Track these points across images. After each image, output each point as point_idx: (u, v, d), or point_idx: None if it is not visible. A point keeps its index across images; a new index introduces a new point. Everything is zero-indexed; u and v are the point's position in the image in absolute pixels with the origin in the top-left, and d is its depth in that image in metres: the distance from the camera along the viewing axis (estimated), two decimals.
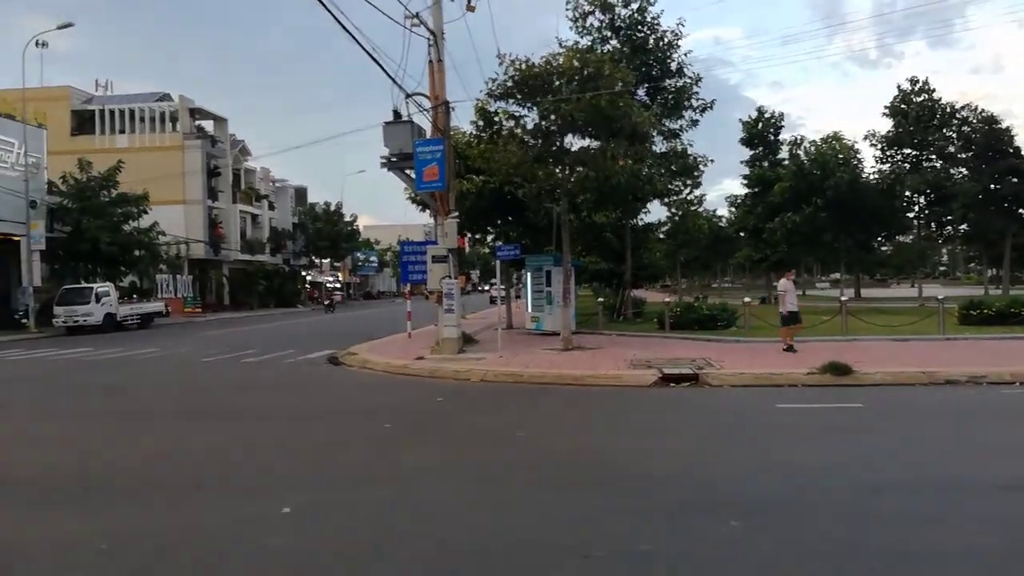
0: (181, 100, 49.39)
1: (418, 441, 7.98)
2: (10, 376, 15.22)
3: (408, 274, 20.46)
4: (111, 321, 29.30)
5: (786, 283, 15.52)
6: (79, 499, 5.86)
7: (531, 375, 12.69)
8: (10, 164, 30.72)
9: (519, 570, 4.11)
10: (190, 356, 18.51)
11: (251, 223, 56.67)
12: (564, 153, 16.57)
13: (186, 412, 10.36)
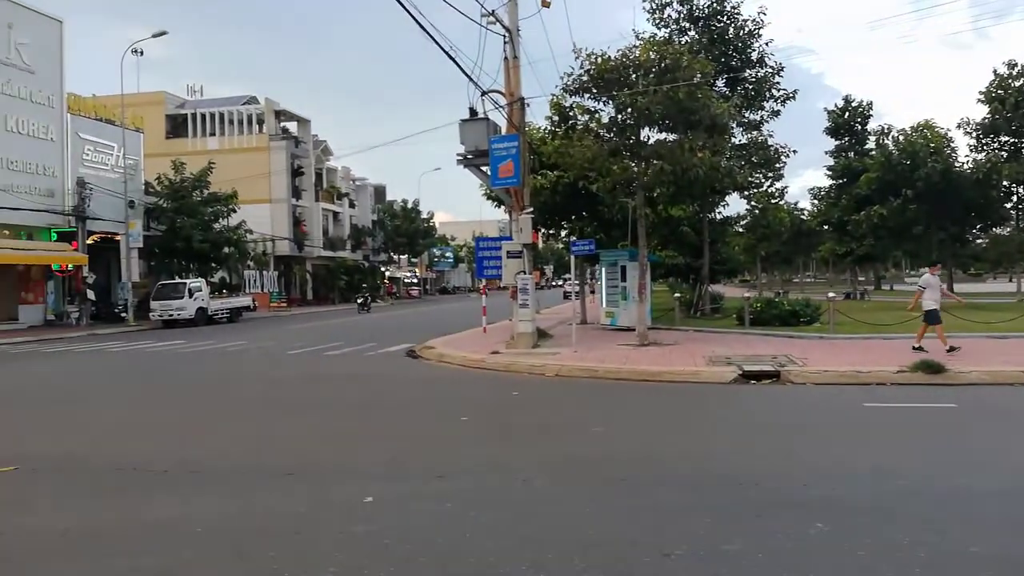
0: (267, 103, 51.28)
1: (494, 435, 8.08)
2: (113, 367, 16.18)
3: (483, 269, 20.70)
4: (203, 315, 30.78)
5: (929, 278, 14.34)
6: (178, 485, 6.21)
7: (606, 370, 12.64)
8: (110, 166, 32.62)
9: (597, 567, 4.12)
10: (277, 349, 19.25)
11: (333, 221, 58.39)
12: (640, 146, 16.39)
13: (274, 403, 10.80)
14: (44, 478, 6.49)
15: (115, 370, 15.52)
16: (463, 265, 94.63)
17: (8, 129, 27.80)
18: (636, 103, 15.19)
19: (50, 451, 7.56)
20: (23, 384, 13.46)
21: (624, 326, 20.27)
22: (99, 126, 32.56)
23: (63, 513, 5.41)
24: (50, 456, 7.30)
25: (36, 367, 16.25)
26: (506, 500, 5.45)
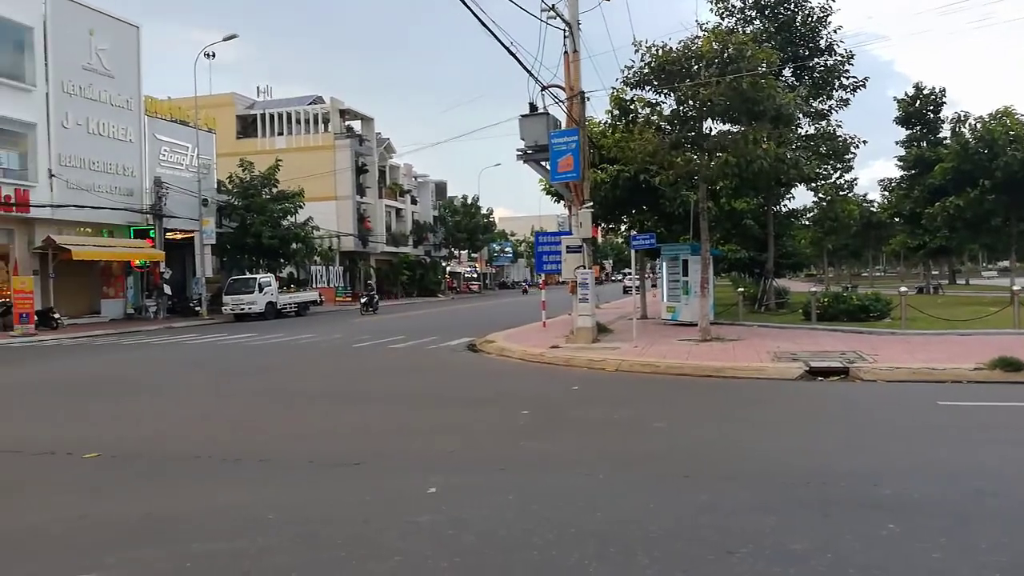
0: (332, 102, 52.40)
1: (555, 429, 8.11)
2: (188, 358, 16.85)
3: (543, 264, 20.74)
4: (272, 309, 31.74)
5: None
6: (249, 472, 6.45)
7: (668, 365, 12.52)
8: (185, 166, 33.88)
9: (661, 563, 4.11)
10: (342, 342, 19.71)
11: (395, 217, 59.37)
12: (703, 139, 16.14)
13: (341, 394, 11.09)
14: (125, 464, 6.83)
15: (190, 361, 16.15)
16: (522, 260, 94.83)
17: (90, 131, 29.16)
18: (699, 95, 14.96)
19: (130, 438, 7.94)
20: (106, 374, 14.16)
21: (686, 321, 20.02)
22: (174, 127, 33.86)
23: (143, 498, 5.69)
24: (130, 443, 7.68)
25: (117, 358, 17.06)
26: (567, 494, 5.48)
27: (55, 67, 27.53)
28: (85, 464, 6.76)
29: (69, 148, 28.12)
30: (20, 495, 5.89)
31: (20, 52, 26.65)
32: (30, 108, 26.70)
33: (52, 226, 27.52)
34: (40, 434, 8.20)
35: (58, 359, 16.93)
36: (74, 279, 28.70)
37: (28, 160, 26.80)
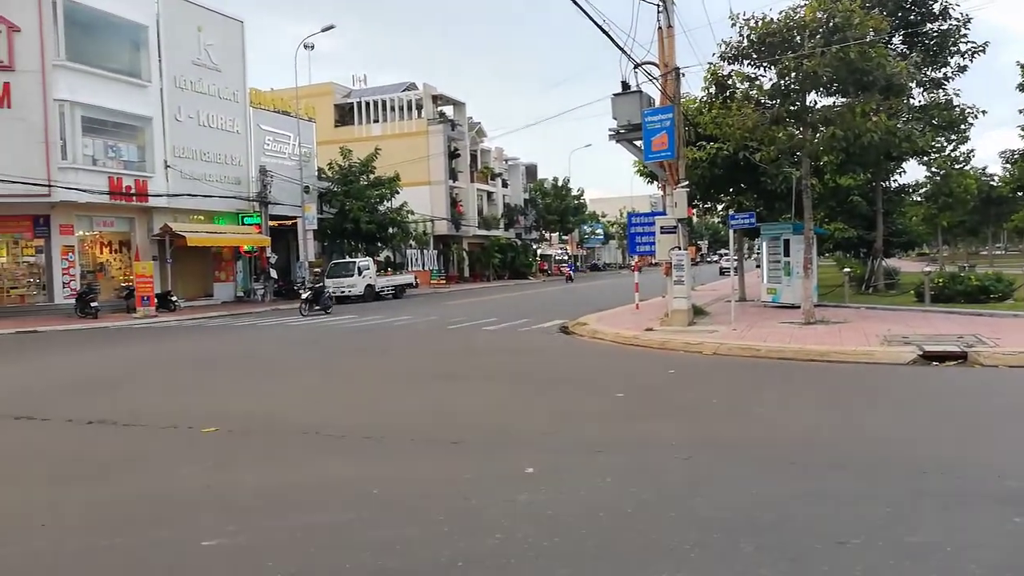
0: (425, 88, 53.24)
1: (651, 412, 8.02)
2: (294, 339, 17.63)
3: (636, 246, 20.46)
4: (371, 292, 32.78)
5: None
6: (354, 448, 6.70)
7: (769, 349, 12.13)
8: (287, 155, 35.28)
9: (766, 550, 4.01)
10: (438, 323, 20.14)
11: (487, 200, 59.92)
12: (806, 112, 15.44)
13: (438, 373, 11.34)
14: (239, 439, 7.23)
15: (296, 342, 16.89)
16: (613, 242, 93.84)
17: (200, 124, 30.78)
18: (802, 67, 14.30)
19: (243, 414, 8.40)
20: (220, 353, 15.01)
21: (787, 303, 19.34)
22: (277, 118, 35.27)
23: (257, 471, 6.02)
24: (244, 418, 8.12)
25: (229, 338, 18.05)
26: (667, 478, 5.42)
27: (168, 63, 29.16)
28: (204, 438, 7.20)
29: (182, 140, 29.80)
30: (148, 465, 6.34)
31: (136, 50, 28.38)
32: (147, 103, 28.43)
33: (168, 214, 29.31)
34: (163, 409, 8.79)
35: (176, 339, 18.06)
36: (189, 264, 30.53)
37: (146, 152, 28.58)
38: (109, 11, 26.84)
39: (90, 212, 27.35)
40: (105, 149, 27.23)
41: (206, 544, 4.38)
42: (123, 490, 5.59)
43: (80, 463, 6.47)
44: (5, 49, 24.36)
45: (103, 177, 26.58)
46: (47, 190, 24.37)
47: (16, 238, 26.42)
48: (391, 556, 4.10)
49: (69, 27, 25.45)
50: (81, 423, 7.98)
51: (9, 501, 5.42)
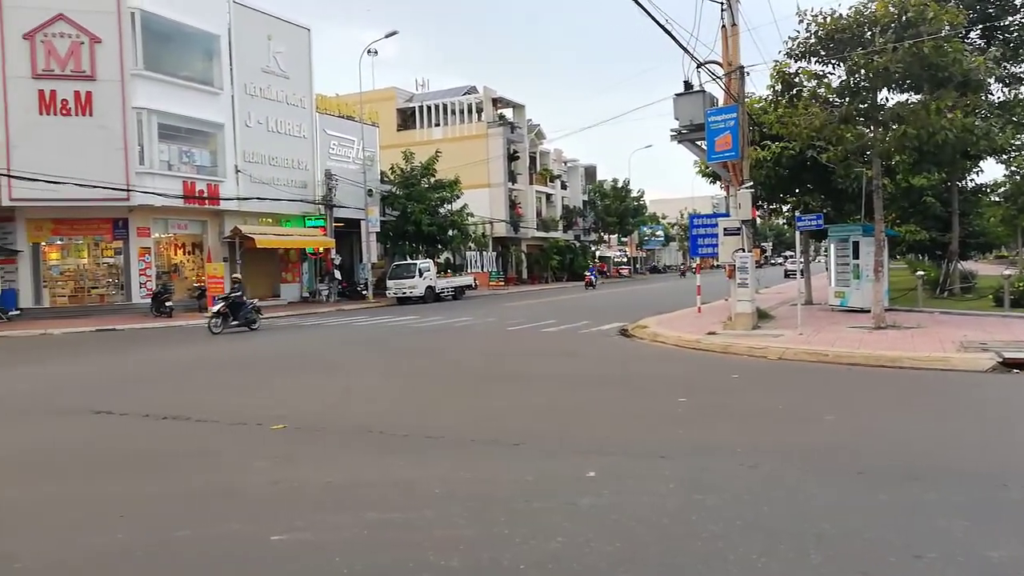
0: (485, 91, 53.63)
1: (714, 417, 7.89)
2: (358, 338, 17.96)
3: (697, 248, 20.14)
4: (431, 293, 33.18)
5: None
6: (417, 448, 6.79)
7: (837, 354, 11.78)
8: (351, 159, 36.03)
9: (835, 562, 3.91)
10: (497, 325, 20.24)
11: (545, 202, 59.94)
12: (877, 110, 14.94)
13: (498, 375, 11.40)
14: (307, 435, 7.42)
15: (361, 342, 17.22)
16: (674, 243, 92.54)
17: (269, 129, 31.71)
18: (872, 63, 13.84)
19: (311, 412, 8.61)
20: (287, 352, 15.42)
21: (856, 307, 18.76)
22: (341, 123, 36.06)
23: (324, 467, 6.16)
24: (311, 416, 8.32)
25: (297, 338, 18.52)
26: (732, 485, 5.32)
27: (239, 71, 30.14)
28: (273, 434, 7.42)
29: (251, 145, 30.75)
30: (219, 460, 6.57)
31: (209, 59, 29.43)
32: (219, 110, 29.44)
33: (238, 217, 30.28)
34: (234, 406, 9.09)
35: (246, 338, 18.63)
36: (257, 265, 31.46)
37: (217, 157, 29.60)
38: (183, 21, 27.92)
39: (165, 215, 28.48)
40: (179, 155, 28.33)
41: (275, 539, 4.52)
42: (196, 484, 5.81)
43: (156, 457, 6.75)
44: (88, 60, 25.59)
45: (178, 182, 27.66)
46: (126, 194, 25.47)
47: (97, 240, 27.70)
48: (454, 556, 4.15)
49: (146, 38, 26.58)
50: (157, 418, 8.33)
51: (92, 493, 5.70)
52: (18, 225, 25.93)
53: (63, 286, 27.31)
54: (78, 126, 25.33)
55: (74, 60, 25.42)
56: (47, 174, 22.91)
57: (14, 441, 7.57)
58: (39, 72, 25.00)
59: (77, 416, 8.69)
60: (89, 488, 5.82)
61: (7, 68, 24.61)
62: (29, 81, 24.87)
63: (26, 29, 24.76)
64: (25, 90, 24.83)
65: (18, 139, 24.48)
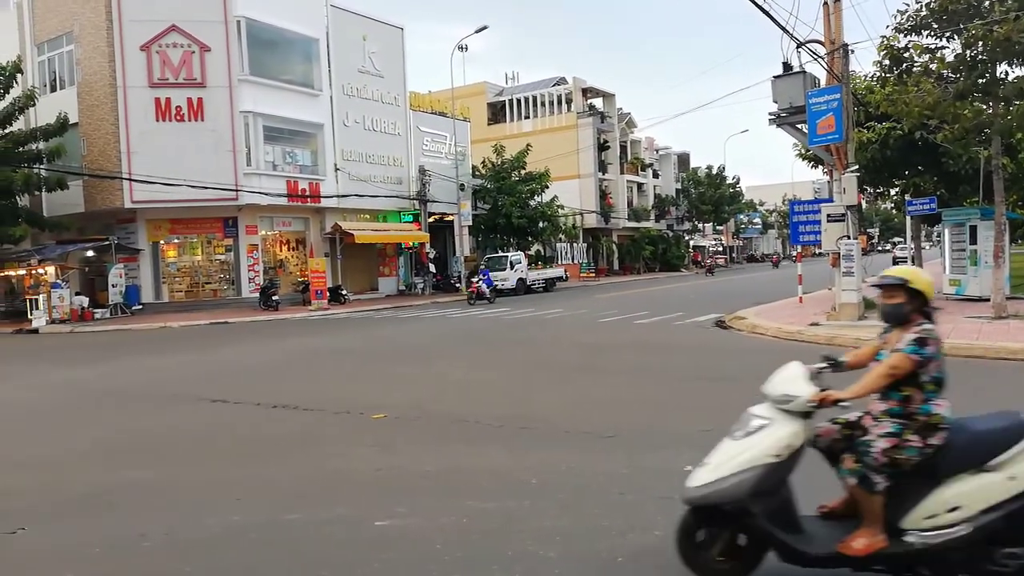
0: (575, 81, 53.31)
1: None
2: (452, 330, 18.31)
3: (798, 235, 19.44)
4: (522, 285, 33.39)
5: None
6: (511, 438, 6.88)
7: (953, 346, 11.06)
8: (444, 154, 36.64)
9: None
10: (589, 316, 20.16)
11: (637, 192, 59.08)
12: (997, 85, 13.92)
13: (591, 366, 11.37)
14: (407, 424, 7.64)
15: (455, 334, 17.55)
16: (772, 231, 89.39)
17: (366, 128, 32.68)
18: (991, 34, 12.91)
19: (408, 401, 8.86)
20: (386, 344, 15.91)
21: (973, 296, 17.61)
22: (434, 119, 36.74)
23: (423, 455, 6.34)
24: (408, 406, 8.56)
25: (396, 330, 19.07)
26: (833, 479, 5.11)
27: (337, 72, 31.19)
28: (374, 423, 7.69)
29: (349, 144, 31.78)
30: (325, 448, 6.87)
31: (309, 62, 30.58)
32: (318, 111, 30.57)
33: (338, 214, 31.40)
34: (338, 395, 9.47)
35: (348, 330, 19.34)
36: (356, 260, 32.55)
37: (318, 157, 30.76)
38: (285, 27, 29.13)
39: (271, 213, 29.87)
40: (283, 155, 29.62)
41: (379, 524, 4.70)
42: (304, 470, 6.10)
43: (267, 443, 7.13)
44: (198, 68, 27.10)
45: (281, 181, 28.94)
46: (235, 194, 26.86)
47: (209, 238, 29.36)
48: (551, 546, 4.20)
49: (251, 45, 27.88)
50: (267, 407, 8.78)
51: (210, 476, 6.09)
52: (139, 225, 27.80)
53: (180, 282, 29.11)
54: (191, 131, 26.89)
55: (186, 68, 26.97)
56: (164, 177, 24.45)
57: (140, 427, 8.17)
58: (155, 81, 26.65)
59: (196, 404, 9.27)
60: (207, 472, 6.21)
61: (127, 79, 26.38)
62: (146, 90, 26.56)
63: (142, 41, 26.44)
64: (143, 98, 26.55)
65: (137, 145, 26.21)
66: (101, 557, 4.41)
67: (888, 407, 3.59)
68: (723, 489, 3.42)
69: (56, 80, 29.10)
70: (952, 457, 3.44)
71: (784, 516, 3.49)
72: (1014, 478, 3.32)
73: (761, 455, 3.44)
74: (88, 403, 9.86)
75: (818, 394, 3.50)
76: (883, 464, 3.45)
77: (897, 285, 3.65)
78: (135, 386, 11.09)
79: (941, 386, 3.60)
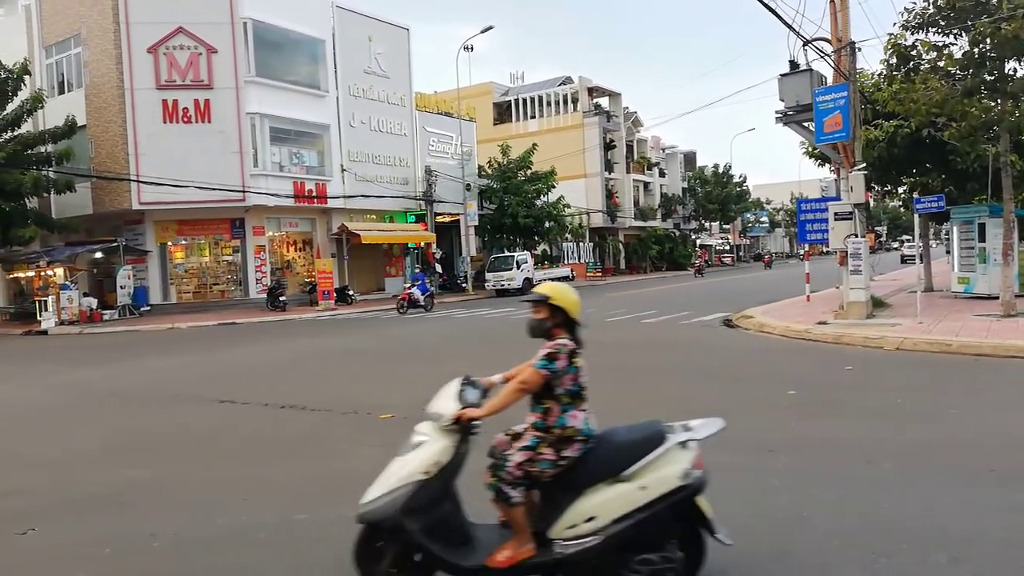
0: (580, 80, 53.29)
1: (827, 411, 7.58)
2: (458, 330, 18.31)
3: (806, 233, 19.37)
4: (529, 285, 33.33)
5: None
6: None
7: (962, 344, 11.05)
8: (450, 154, 36.67)
9: (962, 564, 3.69)
10: (596, 316, 20.10)
11: (643, 191, 59.04)
12: (1005, 81, 13.85)
13: (598, 365, 11.27)
14: (412, 425, 7.50)
15: (461, 333, 17.55)
16: (780, 230, 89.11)
17: (372, 129, 32.74)
18: (1000, 31, 12.83)
19: (415, 401, 8.82)
20: (392, 344, 15.93)
21: (982, 293, 17.54)
22: (440, 119, 36.76)
23: None
24: (415, 406, 8.53)
25: (402, 330, 19.09)
26: (846, 481, 5.11)
27: (343, 73, 31.24)
28: (382, 423, 7.70)
29: (356, 145, 31.83)
30: (332, 448, 6.88)
31: (315, 63, 30.64)
32: (325, 112, 30.64)
33: (344, 214, 31.46)
34: (345, 395, 9.48)
35: (354, 331, 19.37)
36: (363, 260, 32.61)
37: (324, 157, 30.83)
38: (291, 28, 29.20)
39: (278, 214, 29.95)
40: (290, 156, 29.69)
41: None
42: (311, 469, 6.11)
43: (275, 443, 7.15)
44: (205, 69, 27.19)
45: (288, 182, 29.01)
46: (242, 195, 26.93)
47: (217, 239, 29.46)
48: None
49: (258, 46, 27.96)
50: (275, 407, 8.80)
51: (218, 476, 6.11)
52: (147, 227, 27.91)
53: (188, 283, 29.22)
54: (198, 132, 26.98)
55: (193, 70, 27.06)
56: (171, 178, 24.54)
57: (148, 427, 8.20)
58: (162, 83, 26.76)
59: (203, 405, 9.30)
60: (216, 472, 6.23)
61: (134, 81, 26.49)
62: (154, 92, 26.66)
63: (149, 43, 26.54)
64: (150, 100, 26.65)
65: (145, 147, 26.32)
66: (112, 557, 4.43)
67: (534, 420, 3.62)
68: (379, 507, 3.43)
69: (64, 83, 29.26)
70: (590, 468, 3.48)
71: (444, 530, 3.49)
72: (645, 488, 3.37)
73: (412, 473, 3.45)
74: (97, 403, 9.91)
75: (455, 413, 3.51)
76: (518, 478, 3.46)
77: (540, 301, 3.68)
78: (143, 387, 11.13)
79: (578, 398, 3.64)
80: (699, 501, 3.49)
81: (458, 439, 3.52)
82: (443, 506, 3.52)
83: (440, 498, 3.49)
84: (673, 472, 3.40)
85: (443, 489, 3.50)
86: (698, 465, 3.49)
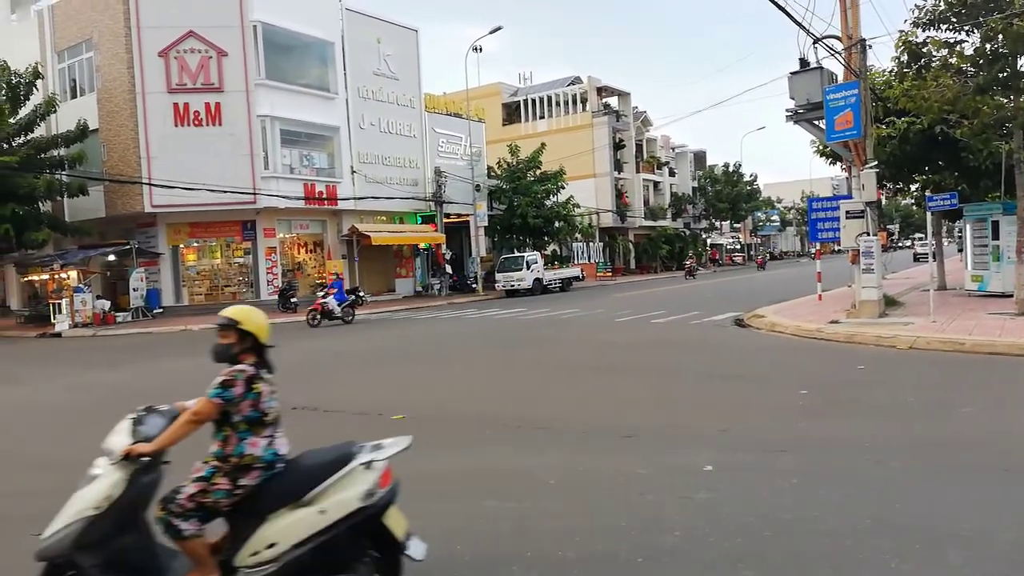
0: (589, 80, 53.21)
1: (839, 410, 7.55)
2: (469, 331, 18.33)
3: (817, 232, 19.28)
4: (539, 285, 33.38)
5: None
6: (530, 439, 6.87)
7: (975, 343, 10.98)
8: (459, 155, 36.70)
9: (976, 564, 3.67)
10: (605, 316, 20.11)
11: (653, 190, 58.88)
12: (1017, 78, 13.75)
13: (608, 366, 11.34)
14: (424, 425, 7.66)
15: (472, 334, 17.58)
16: (791, 228, 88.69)
17: (382, 130, 32.81)
18: (1012, 28, 12.74)
19: (429, 402, 8.89)
20: (404, 345, 15.97)
21: (996, 292, 17.39)
22: (449, 120, 36.80)
23: (440, 457, 6.34)
24: (429, 407, 8.60)
25: (413, 331, 19.14)
26: (858, 480, 5.09)
27: (352, 75, 31.32)
28: (394, 424, 7.72)
29: (365, 146, 31.91)
30: None
31: (324, 66, 30.74)
32: (334, 114, 30.73)
33: (354, 216, 31.54)
34: (357, 396, 9.53)
35: (365, 332, 19.42)
36: (373, 262, 32.69)
37: (334, 159, 30.93)
38: (300, 31, 29.30)
39: (289, 216, 30.06)
40: (300, 158, 29.81)
41: None
42: None
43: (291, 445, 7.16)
44: (216, 73, 27.33)
45: (299, 184, 29.12)
46: (252, 197, 27.05)
47: (228, 242, 29.60)
48: (570, 546, 4.20)
49: (267, 49, 28.08)
50: (286, 409, 8.81)
51: None
52: (159, 229, 28.08)
53: (200, 285, 29.38)
54: (209, 135, 27.12)
55: (204, 73, 27.20)
56: (183, 181, 24.69)
57: None
58: (173, 86, 26.92)
59: None
60: None
61: (145, 84, 26.66)
62: (165, 95, 26.83)
63: (160, 47, 26.71)
64: (161, 104, 26.81)
65: (157, 150, 26.49)
66: None
67: (214, 449, 3.52)
68: (52, 543, 3.33)
69: (76, 87, 29.48)
70: (274, 494, 3.43)
71: (127, 564, 3.41)
72: (324, 511, 3.34)
73: (83, 508, 3.35)
74: (112, 405, 9.97)
75: (124, 448, 3.38)
76: (190, 509, 3.37)
77: (228, 326, 3.56)
78: (157, 388, 11.20)
79: (259, 425, 3.54)
80: (388, 519, 3.46)
81: (133, 472, 3.41)
82: (123, 539, 3.41)
83: (116, 532, 3.38)
84: (353, 495, 3.37)
85: (119, 523, 3.39)
86: (383, 484, 3.45)
